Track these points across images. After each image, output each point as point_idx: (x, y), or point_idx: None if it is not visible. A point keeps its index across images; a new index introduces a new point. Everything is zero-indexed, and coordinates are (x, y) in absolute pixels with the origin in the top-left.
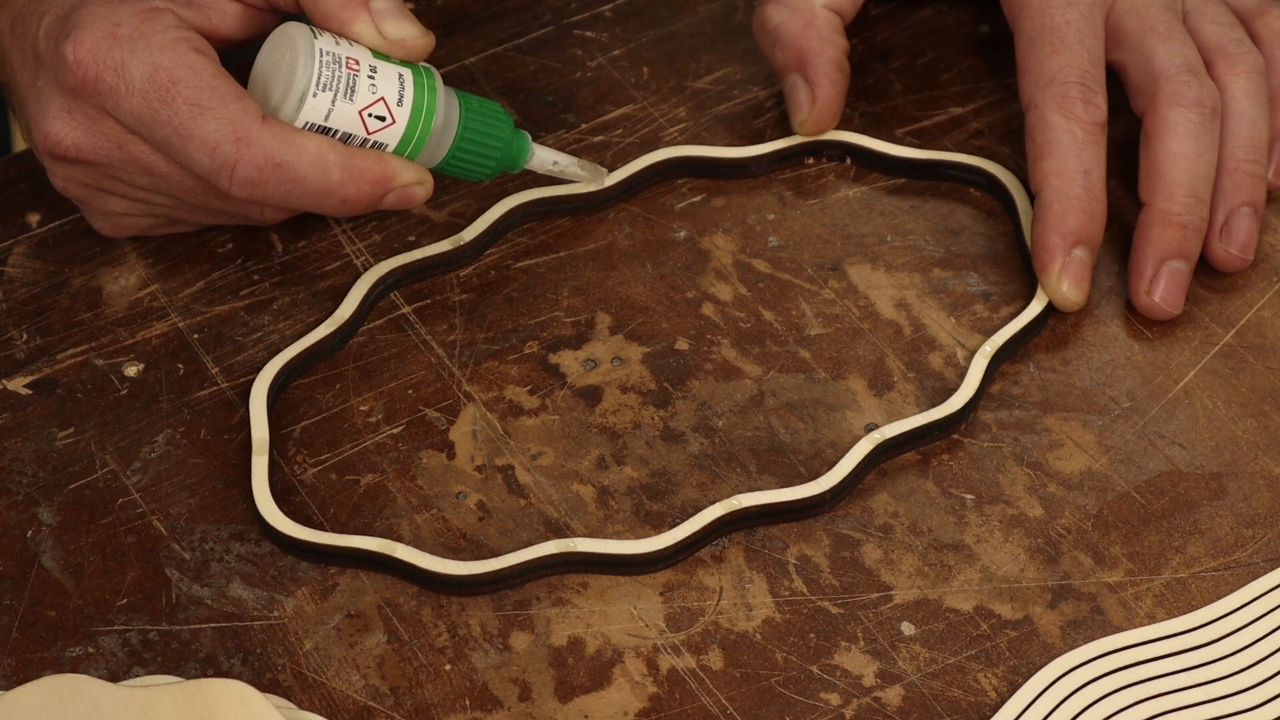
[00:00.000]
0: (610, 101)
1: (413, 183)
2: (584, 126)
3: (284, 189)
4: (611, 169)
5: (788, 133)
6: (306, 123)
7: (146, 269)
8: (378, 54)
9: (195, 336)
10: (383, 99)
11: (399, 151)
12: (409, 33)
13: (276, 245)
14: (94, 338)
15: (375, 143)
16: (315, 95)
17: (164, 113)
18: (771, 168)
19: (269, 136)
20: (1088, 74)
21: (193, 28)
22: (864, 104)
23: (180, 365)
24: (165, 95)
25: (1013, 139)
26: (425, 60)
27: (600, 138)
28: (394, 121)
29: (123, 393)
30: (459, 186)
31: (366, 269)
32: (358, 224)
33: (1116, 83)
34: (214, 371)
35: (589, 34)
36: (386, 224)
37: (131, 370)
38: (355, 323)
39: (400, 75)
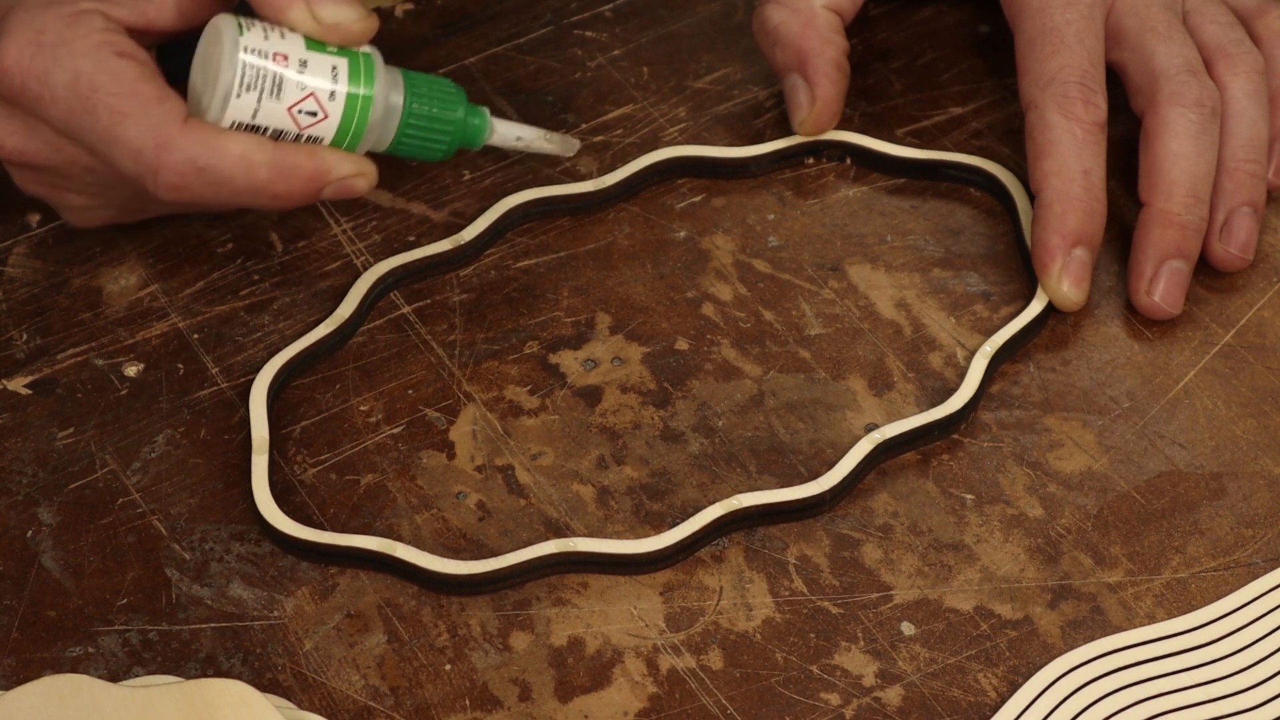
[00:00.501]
0: (610, 101)
1: (351, 174)
2: (584, 126)
3: (211, 190)
4: (611, 169)
5: (788, 133)
6: (233, 122)
7: (146, 269)
8: (312, 44)
9: (195, 336)
10: (313, 94)
11: (337, 143)
12: (345, 16)
13: (276, 245)
14: (94, 338)
15: (310, 137)
16: (239, 96)
17: (86, 120)
18: (771, 168)
19: (189, 141)
20: (1088, 74)
21: (125, 25)
22: (864, 104)
23: (180, 365)
24: (86, 103)
25: (1013, 139)
26: (369, 43)
27: (600, 138)
28: (326, 116)
29: (123, 393)
30: (459, 186)
31: (366, 269)
32: (358, 224)
33: (1116, 83)
34: (214, 371)
35: (589, 34)
36: (386, 224)
37: (131, 370)
38: (355, 322)
39: (334, 67)
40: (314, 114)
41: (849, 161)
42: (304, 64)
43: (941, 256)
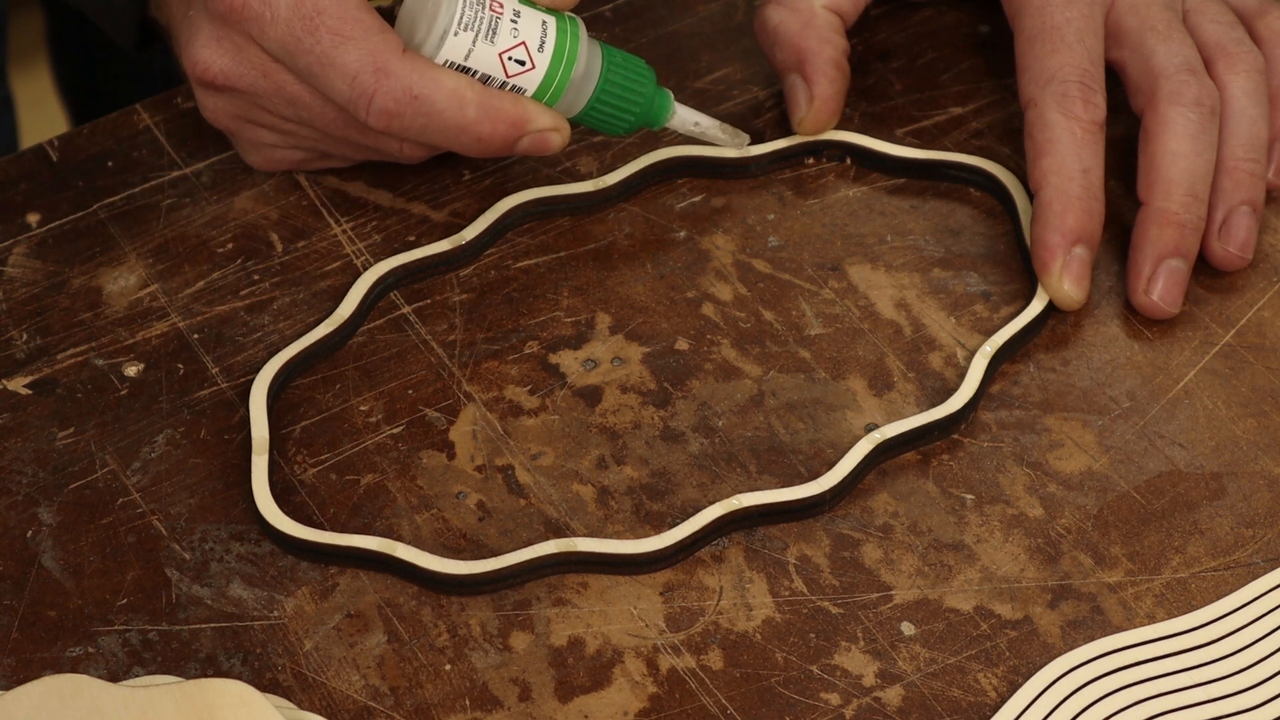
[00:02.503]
0: None
1: (548, 129)
2: (584, 126)
3: (420, 122)
4: (611, 169)
5: (788, 133)
6: (447, 61)
7: (146, 269)
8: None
9: (195, 336)
10: (524, 44)
11: (537, 97)
12: None
13: (276, 245)
14: (94, 338)
15: (514, 86)
16: (456, 34)
17: (307, 41)
18: (771, 168)
19: (408, 69)
20: (1087, 73)
21: None
22: (864, 104)
23: (180, 365)
24: (309, 24)
25: (1013, 139)
26: (572, 10)
27: (600, 137)
28: (533, 67)
29: (123, 393)
30: (459, 186)
31: (366, 269)
32: (358, 224)
33: (1116, 82)
34: (214, 371)
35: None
36: (386, 224)
37: (131, 370)
38: (355, 322)
39: (544, 22)
40: (522, 63)
41: (849, 161)
42: (517, 14)
43: (941, 256)
